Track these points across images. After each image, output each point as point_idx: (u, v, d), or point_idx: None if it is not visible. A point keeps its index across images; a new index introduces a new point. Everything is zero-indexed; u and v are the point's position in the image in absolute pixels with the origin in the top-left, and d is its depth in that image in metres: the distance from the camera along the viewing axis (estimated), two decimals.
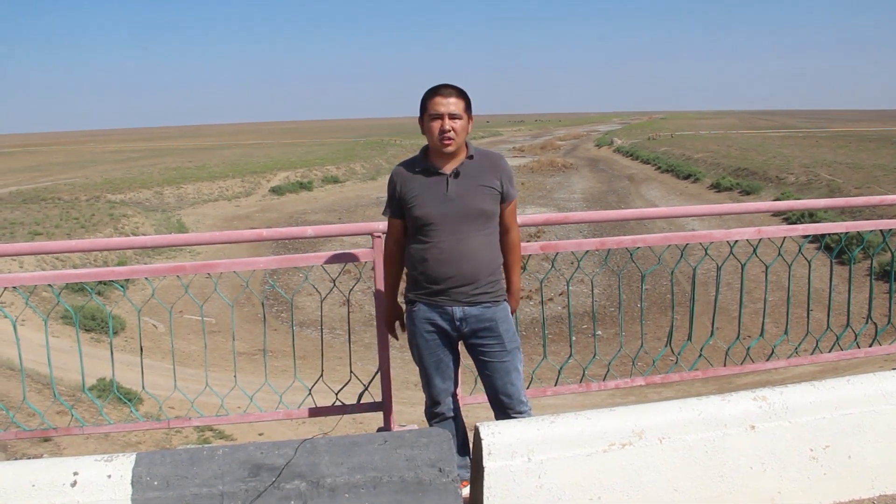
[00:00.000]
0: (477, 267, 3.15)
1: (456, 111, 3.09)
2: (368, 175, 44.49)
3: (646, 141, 60.78)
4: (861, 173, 28.55)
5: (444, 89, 3.12)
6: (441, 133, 3.07)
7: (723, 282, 4.48)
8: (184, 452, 2.70)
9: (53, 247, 4.24)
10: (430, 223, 3.12)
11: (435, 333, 3.26)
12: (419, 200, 3.13)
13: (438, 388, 3.34)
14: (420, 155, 3.23)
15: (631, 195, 35.45)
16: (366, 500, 2.64)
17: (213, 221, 29.96)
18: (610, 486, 2.87)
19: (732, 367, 4.44)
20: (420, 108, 3.17)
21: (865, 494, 3.15)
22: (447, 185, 3.12)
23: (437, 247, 3.12)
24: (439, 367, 3.31)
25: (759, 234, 4.29)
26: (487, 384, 3.35)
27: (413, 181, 3.17)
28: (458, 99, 3.11)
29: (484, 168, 3.17)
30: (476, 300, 3.19)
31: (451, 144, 3.09)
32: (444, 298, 3.18)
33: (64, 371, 6.78)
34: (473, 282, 3.16)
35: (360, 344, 12.08)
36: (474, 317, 3.21)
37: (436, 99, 3.11)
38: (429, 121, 3.11)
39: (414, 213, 3.14)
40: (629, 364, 4.43)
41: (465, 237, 3.12)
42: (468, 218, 3.11)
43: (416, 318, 3.26)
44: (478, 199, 3.12)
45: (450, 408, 3.40)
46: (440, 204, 3.10)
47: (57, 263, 18.47)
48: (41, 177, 41.29)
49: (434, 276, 3.16)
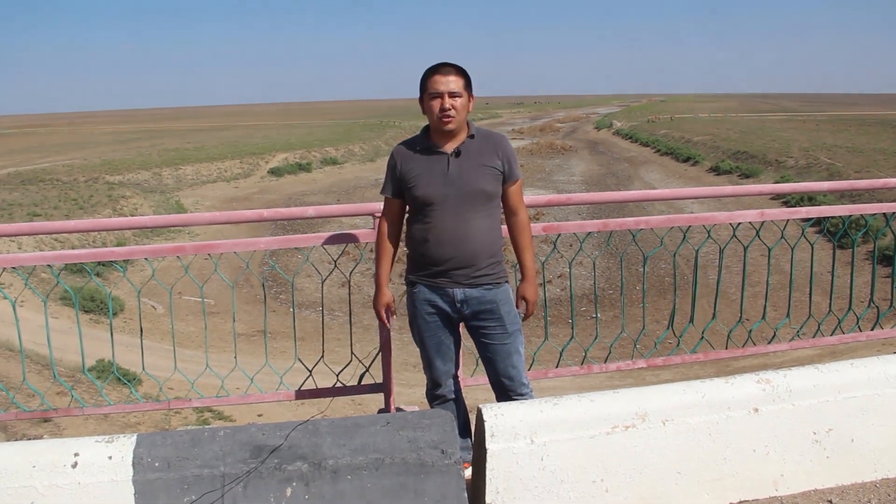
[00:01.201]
0: (477, 249, 3.13)
1: (455, 89, 3.06)
2: (367, 156, 44.34)
3: (645, 123, 60.55)
4: (861, 157, 28.44)
5: (444, 67, 3.09)
6: (441, 111, 3.05)
7: (723, 265, 4.46)
8: (185, 434, 2.69)
9: (52, 227, 4.22)
10: (431, 203, 3.10)
11: (435, 315, 3.24)
12: (420, 180, 3.11)
13: (439, 370, 3.33)
14: (421, 134, 3.21)
15: (630, 178, 35.35)
16: (368, 481, 2.64)
17: (211, 203, 29.87)
18: (613, 468, 2.87)
19: (734, 349, 4.44)
20: (420, 87, 3.14)
21: (868, 478, 3.16)
22: (448, 165, 3.10)
23: (438, 228, 3.11)
24: (440, 348, 3.30)
25: (762, 217, 4.28)
26: (488, 367, 3.35)
27: (414, 160, 3.15)
28: (457, 77, 3.09)
29: (485, 147, 3.14)
30: (477, 282, 3.18)
31: (451, 122, 3.07)
32: (445, 280, 3.17)
33: (63, 352, 6.76)
34: (474, 264, 3.14)
35: (358, 326, 12.03)
36: (475, 299, 3.19)
37: (435, 77, 3.09)
38: (428, 99, 3.09)
39: (415, 193, 3.12)
40: (630, 347, 4.42)
41: (466, 218, 3.10)
42: (469, 198, 3.09)
43: (417, 299, 3.25)
44: (479, 179, 3.10)
45: (451, 390, 3.39)
46: (441, 184, 3.09)
47: (55, 244, 18.43)
48: (39, 158, 41.11)
49: (435, 257, 3.14)
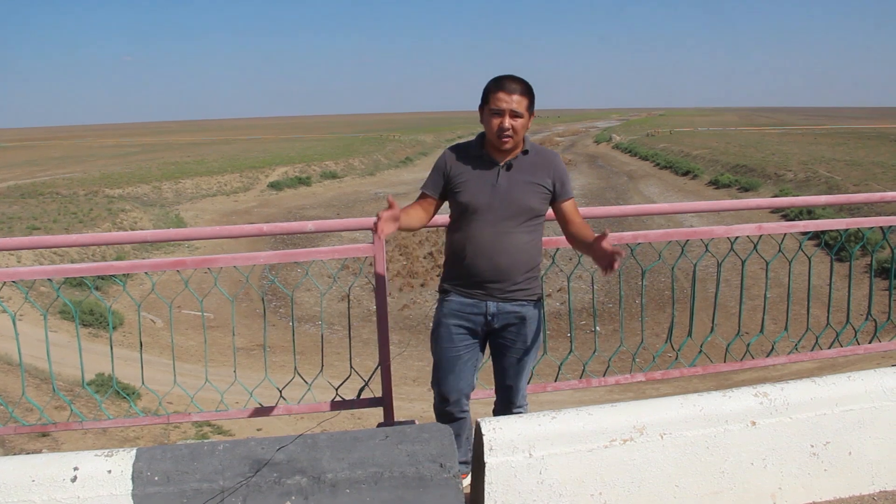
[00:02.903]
0: (513, 264, 3.07)
1: (518, 109, 2.98)
2: (367, 170, 44.41)
3: (644, 137, 60.74)
4: (859, 170, 28.53)
5: (510, 84, 2.98)
6: (500, 130, 2.98)
7: (721, 279, 4.47)
8: (184, 448, 2.70)
9: (52, 241, 4.23)
10: (475, 211, 3.03)
11: (462, 328, 3.18)
12: (468, 186, 3.05)
13: (450, 386, 3.24)
14: (475, 141, 3.14)
15: (629, 192, 35.42)
16: (367, 495, 2.64)
17: (211, 216, 29.92)
18: (611, 481, 2.87)
19: (732, 363, 4.44)
20: (482, 96, 3.05)
21: (866, 490, 3.16)
22: (498, 176, 3.04)
23: (477, 238, 3.05)
24: (457, 364, 3.22)
25: (759, 231, 4.29)
26: (499, 376, 3.31)
27: (465, 165, 3.08)
28: (521, 97, 2.99)
29: (537, 165, 3.09)
30: (511, 296, 3.12)
31: (510, 143, 3.01)
32: (479, 292, 3.12)
33: (62, 366, 6.76)
34: (509, 278, 3.09)
35: (357, 340, 12.06)
36: (507, 313, 3.14)
37: (500, 94, 2.98)
38: (489, 115, 3.01)
39: (459, 199, 3.06)
40: (629, 360, 4.43)
41: (507, 231, 3.04)
42: (512, 212, 3.03)
43: (447, 308, 3.18)
44: (526, 195, 3.04)
45: (461, 409, 3.30)
46: (488, 194, 3.03)
47: (55, 258, 18.44)
48: (39, 171, 41.19)
49: (471, 267, 3.08)
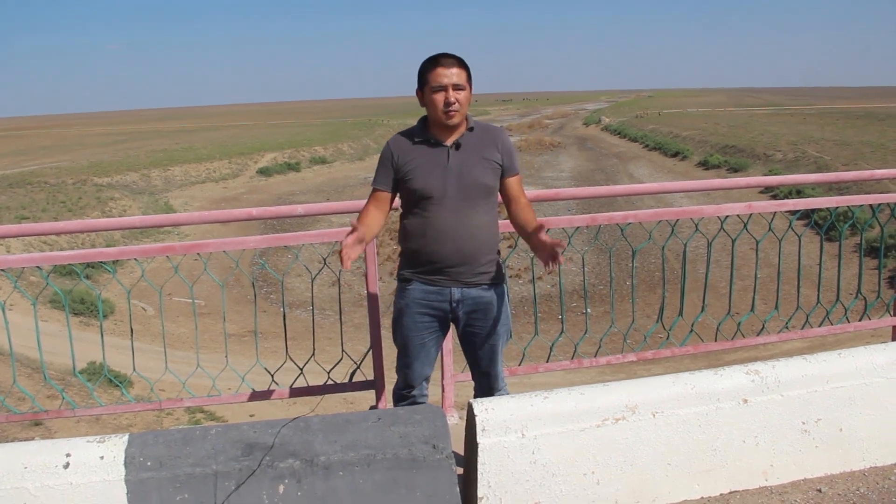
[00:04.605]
0: (476, 246, 3.04)
1: (459, 81, 2.96)
2: (356, 155, 44.31)
3: (633, 119, 60.76)
4: (848, 150, 28.64)
5: (445, 59, 2.97)
6: (446, 105, 2.95)
7: (711, 259, 4.48)
8: (177, 433, 2.69)
9: (41, 228, 4.20)
10: (430, 196, 2.99)
11: (426, 315, 3.13)
12: (418, 172, 3.00)
13: (416, 373, 3.23)
14: (418, 126, 3.10)
15: (619, 173, 35.48)
16: (360, 477, 2.65)
17: (201, 203, 29.79)
18: (603, 460, 2.88)
19: (723, 342, 4.46)
20: (419, 79, 3.03)
21: (856, 467, 3.19)
22: (448, 157, 3.00)
23: (437, 222, 3.00)
24: (422, 350, 3.19)
25: (749, 210, 4.30)
26: (473, 362, 3.28)
27: (412, 152, 3.04)
28: (460, 69, 2.97)
29: (485, 141, 3.06)
30: (476, 281, 3.08)
31: (456, 116, 2.97)
32: (442, 278, 3.07)
33: (53, 355, 6.74)
34: (474, 261, 3.05)
35: (349, 324, 12.05)
36: (472, 298, 3.10)
37: (438, 70, 2.96)
38: (431, 93, 2.97)
39: (413, 185, 3.01)
40: (620, 341, 4.44)
41: (466, 214, 3.00)
42: (469, 192, 3.00)
43: (409, 296, 3.13)
44: (479, 172, 3.01)
45: (422, 393, 3.30)
46: (440, 176, 2.99)
47: (44, 247, 18.35)
48: (27, 160, 40.88)
49: (432, 253, 3.03)
